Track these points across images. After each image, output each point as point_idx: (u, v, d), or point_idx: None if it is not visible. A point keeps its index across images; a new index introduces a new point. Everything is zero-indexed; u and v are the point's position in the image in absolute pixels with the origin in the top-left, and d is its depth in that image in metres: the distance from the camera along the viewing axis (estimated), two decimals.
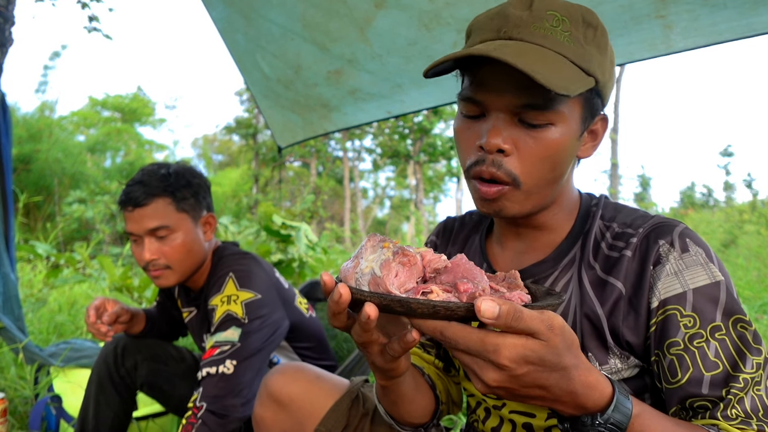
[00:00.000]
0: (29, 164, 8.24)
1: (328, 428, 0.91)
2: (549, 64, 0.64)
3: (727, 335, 0.65)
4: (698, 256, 0.68)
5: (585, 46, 0.68)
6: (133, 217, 1.25)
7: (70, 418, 1.69)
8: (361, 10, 1.80)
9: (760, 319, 3.41)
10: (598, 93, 0.71)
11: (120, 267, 4.77)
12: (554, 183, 0.72)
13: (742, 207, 8.67)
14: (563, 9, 0.69)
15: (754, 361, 0.65)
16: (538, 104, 0.66)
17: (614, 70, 0.74)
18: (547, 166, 0.69)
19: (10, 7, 1.91)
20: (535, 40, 0.67)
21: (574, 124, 0.69)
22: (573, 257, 0.77)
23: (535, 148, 0.68)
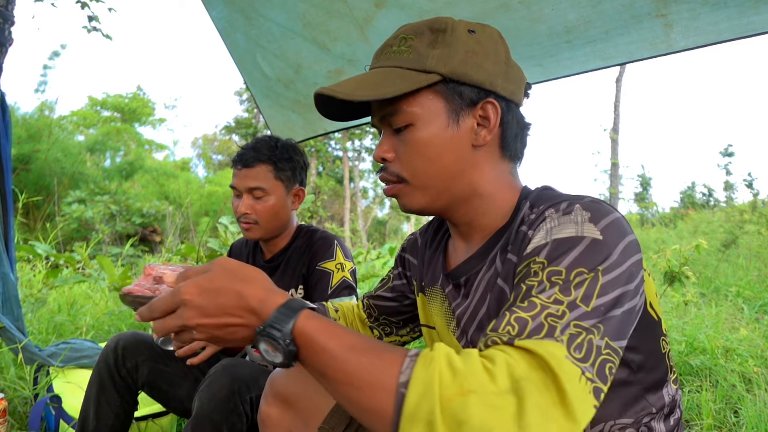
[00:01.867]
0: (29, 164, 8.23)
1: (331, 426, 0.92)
2: (379, 80, 0.75)
3: (564, 280, 0.61)
4: (578, 217, 0.66)
5: (428, 50, 0.76)
6: (240, 175, 1.47)
7: (70, 419, 1.69)
8: (362, 10, 1.80)
9: (761, 319, 3.41)
10: (462, 83, 0.75)
11: (120, 267, 4.77)
12: (445, 174, 0.77)
13: (743, 207, 8.68)
14: (412, 28, 0.79)
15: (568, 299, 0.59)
16: (389, 112, 0.76)
17: (488, 54, 0.77)
18: (424, 161, 0.76)
19: (10, 7, 1.90)
20: (381, 64, 0.79)
21: (439, 117, 0.75)
22: (498, 248, 0.78)
23: (407, 149, 0.77)
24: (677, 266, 2.93)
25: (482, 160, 0.78)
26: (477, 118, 0.77)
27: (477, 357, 0.54)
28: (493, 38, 0.79)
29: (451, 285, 0.86)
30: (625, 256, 0.63)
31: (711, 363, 2.45)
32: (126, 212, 8.30)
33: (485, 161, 0.79)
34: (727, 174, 13.32)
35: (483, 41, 0.77)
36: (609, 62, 1.75)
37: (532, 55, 1.79)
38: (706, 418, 2.00)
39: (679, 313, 3.39)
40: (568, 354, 0.55)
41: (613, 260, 0.62)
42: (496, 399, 0.51)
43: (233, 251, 1.74)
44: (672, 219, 11.62)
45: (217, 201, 10.84)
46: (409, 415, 0.52)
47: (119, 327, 2.99)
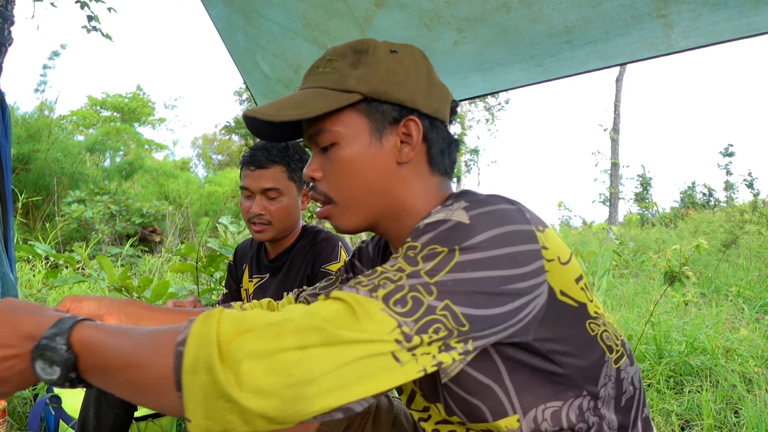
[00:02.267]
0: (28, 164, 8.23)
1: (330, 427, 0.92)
2: (302, 100, 0.77)
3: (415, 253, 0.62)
4: (454, 206, 0.67)
5: (350, 70, 0.78)
6: (253, 176, 1.47)
7: (69, 419, 1.69)
8: (362, 9, 1.80)
9: (761, 319, 3.40)
10: (384, 102, 0.77)
11: (119, 267, 4.77)
12: (370, 192, 0.78)
13: (743, 207, 8.68)
14: (336, 51, 0.81)
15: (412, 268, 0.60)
16: (315, 132, 0.79)
17: (409, 73, 0.79)
18: (348, 179, 0.78)
19: (9, 6, 1.90)
20: (306, 85, 0.81)
21: (362, 136, 0.77)
22: None
23: (332, 167, 0.79)
24: (677, 266, 2.93)
25: (408, 177, 0.80)
26: (400, 135, 0.79)
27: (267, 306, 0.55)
28: (415, 57, 0.81)
29: None
30: (496, 243, 0.62)
31: (711, 363, 2.45)
32: (126, 212, 8.30)
33: (411, 177, 0.80)
34: (727, 174, 13.33)
35: (404, 61, 0.79)
36: (609, 62, 1.74)
37: (532, 55, 1.79)
38: (706, 418, 2.00)
39: (679, 313, 3.39)
40: (384, 307, 0.55)
41: (475, 242, 0.61)
42: (271, 329, 0.52)
43: (238, 252, 1.76)
44: (672, 219, 11.62)
45: (217, 201, 10.85)
46: (189, 368, 0.51)
47: None
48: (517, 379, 0.69)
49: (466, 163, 20.86)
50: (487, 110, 20.98)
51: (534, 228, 0.67)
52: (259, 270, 1.65)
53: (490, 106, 20.87)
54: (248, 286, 1.67)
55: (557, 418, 0.70)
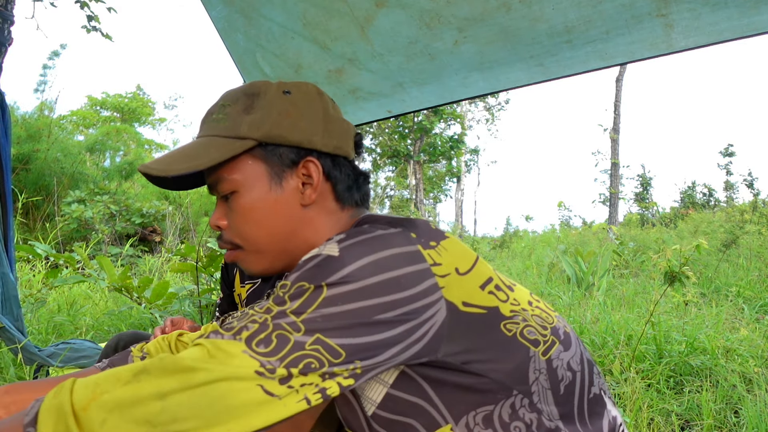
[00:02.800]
0: (28, 164, 8.23)
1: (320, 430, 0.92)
2: (195, 151, 0.75)
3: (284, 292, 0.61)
4: (333, 239, 0.66)
5: (241, 116, 0.76)
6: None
7: None
8: (362, 9, 1.80)
9: (761, 319, 3.41)
10: (279, 145, 0.76)
11: (119, 267, 4.76)
12: (275, 237, 0.77)
13: (743, 207, 8.68)
14: (230, 95, 0.80)
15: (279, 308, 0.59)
16: (214, 181, 0.78)
17: (303, 113, 0.78)
18: (252, 225, 0.77)
19: (9, 6, 1.90)
20: (200, 133, 0.79)
21: (261, 182, 0.76)
22: None
23: (235, 216, 0.77)
24: (677, 266, 2.93)
25: (315, 216, 0.79)
26: (301, 177, 0.78)
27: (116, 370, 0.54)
28: (309, 96, 0.80)
29: None
30: (368, 271, 0.60)
31: (711, 363, 2.45)
32: (126, 212, 8.30)
33: (318, 216, 0.79)
34: (727, 174, 13.32)
35: (297, 101, 0.78)
36: (609, 62, 1.75)
37: (533, 54, 1.79)
38: (706, 418, 2.00)
39: (679, 313, 3.39)
40: (246, 348, 0.55)
41: (344, 275, 0.59)
42: (128, 386, 0.51)
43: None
44: (672, 219, 11.62)
45: None
46: None
47: (119, 327, 2.99)
48: (442, 393, 0.68)
49: (467, 163, 20.86)
50: (487, 110, 20.98)
51: (420, 247, 0.65)
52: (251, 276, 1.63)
53: (490, 106, 20.87)
54: (240, 291, 1.63)
55: (489, 421, 0.69)
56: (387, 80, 2.10)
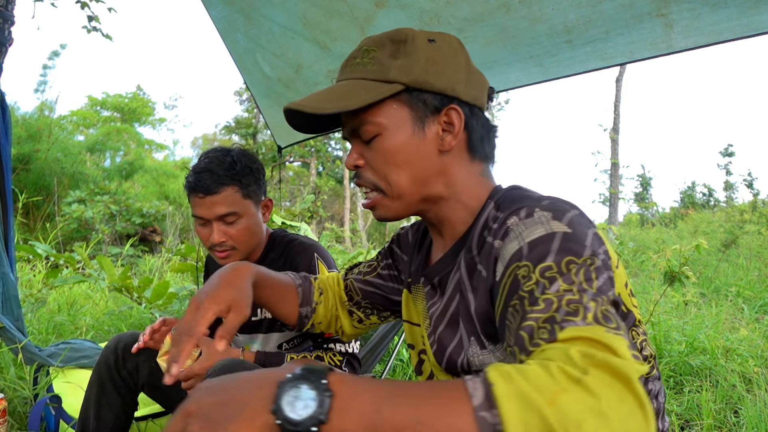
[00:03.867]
0: (29, 164, 8.22)
1: None
2: (344, 92, 0.77)
3: (559, 273, 0.60)
4: (541, 218, 0.67)
5: (390, 60, 0.78)
6: (204, 203, 1.33)
7: (70, 419, 1.69)
8: (362, 9, 1.80)
9: (761, 319, 3.40)
10: (425, 91, 0.77)
11: (119, 267, 4.76)
12: (417, 181, 0.79)
13: (743, 207, 8.68)
14: (374, 40, 0.81)
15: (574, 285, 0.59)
16: (358, 124, 0.79)
17: (448, 61, 0.79)
18: (395, 168, 0.78)
19: (10, 7, 1.90)
20: (345, 76, 0.81)
21: (405, 126, 0.77)
22: (464, 248, 0.80)
23: (376, 157, 0.79)
24: (677, 266, 2.93)
25: (450, 164, 0.80)
26: (442, 124, 0.79)
27: (535, 365, 0.49)
28: (453, 46, 0.81)
29: (429, 285, 0.89)
30: (595, 245, 0.64)
31: (711, 363, 2.45)
32: (126, 212, 8.29)
33: (453, 165, 0.80)
34: (727, 174, 13.32)
35: (443, 49, 0.79)
36: (609, 62, 1.75)
37: (533, 54, 1.79)
38: (706, 418, 2.00)
39: (679, 313, 3.39)
40: (607, 329, 0.53)
41: (590, 246, 0.63)
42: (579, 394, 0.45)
43: (209, 261, 1.67)
44: (672, 219, 11.62)
45: None
46: None
47: (119, 327, 2.99)
48: None
49: None
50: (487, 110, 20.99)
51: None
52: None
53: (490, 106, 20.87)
54: None
55: None
56: None
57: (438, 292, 0.85)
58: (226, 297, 0.80)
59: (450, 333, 0.80)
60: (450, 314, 0.80)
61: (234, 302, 0.80)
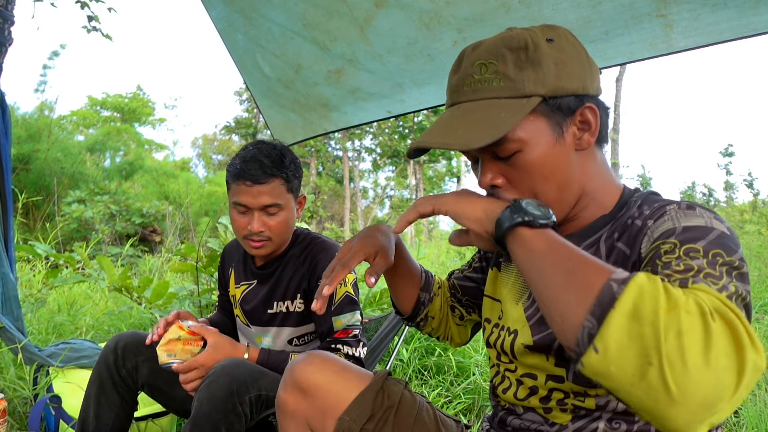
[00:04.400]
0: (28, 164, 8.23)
1: (352, 418, 0.94)
2: (482, 117, 0.73)
3: (703, 256, 0.62)
4: (703, 213, 0.68)
5: (519, 73, 0.74)
6: (251, 192, 1.35)
7: (70, 419, 1.69)
8: (362, 10, 1.80)
9: (761, 319, 3.40)
10: (560, 97, 0.75)
11: (119, 267, 4.76)
12: (564, 185, 0.78)
13: (743, 207, 8.68)
14: (487, 52, 0.76)
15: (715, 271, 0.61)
16: (494, 146, 0.75)
17: (573, 60, 0.77)
18: (541, 180, 0.76)
19: (9, 6, 1.90)
20: (469, 97, 0.76)
21: (545, 136, 0.75)
22: (600, 235, 0.80)
23: (518, 174, 0.77)
24: None
25: (585, 160, 0.80)
26: (577, 124, 0.77)
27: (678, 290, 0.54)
28: (570, 41, 0.78)
29: None
30: (744, 258, 0.65)
31: None
32: (126, 212, 8.30)
33: (587, 160, 0.80)
34: (727, 174, 13.31)
35: (565, 48, 0.76)
36: (609, 62, 1.74)
37: None
38: None
39: None
40: (739, 310, 0.55)
41: (741, 256, 0.64)
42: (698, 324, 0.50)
43: (225, 254, 1.68)
44: None
45: (217, 201, 10.84)
46: (625, 312, 0.51)
47: (119, 327, 2.99)
48: None
49: (466, 163, 20.86)
50: None
51: None
52: (246, 276, 1.56)
53: None
54: (235, 292, 1.59)
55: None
56: (386, 81, 2.09)
57: None
58: (376, 243, 0.89)
59: None
60: None
61: (382, 248, 0.89)
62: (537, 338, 0.82)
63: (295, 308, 1.46)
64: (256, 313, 1.52)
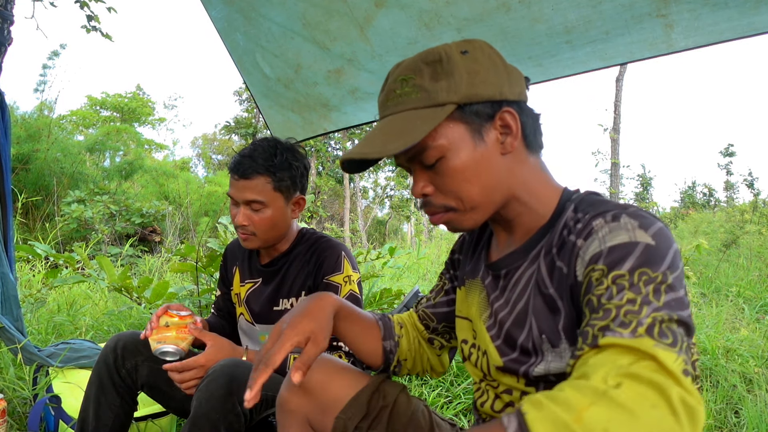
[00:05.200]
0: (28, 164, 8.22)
1: (348, 417, 0.96)
2: (400, 128, 0.77)
3: (629, 282, 0.63)
4: (627, 224, 0.69)
5: (434, 84, 0.78)
6: (237, 186, 1.41)
7: (69, 419, 1.68)
8: (362, 9, 1.80)
9: (762, 319, 3.40)
10: (475, 103, 0.78)
11: (119, 267, 4.76)
12: (489, 189, 0.80)
13: (743, 207, 8.67)
14: (406, 68, 0.81)
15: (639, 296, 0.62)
16: (417, 152, 0.79)
17: (487, 68, 0.80)
18: (467, 184, 0.79)
19: (9, 6, 1.90)
20: (391, 111, 0.81)
21: (465, 142, 0.78)
22: (541, 247, 0.82)
23: (447, 179, 0.79)
24: None
25: (513, 164, 0.82)
26: (498, 128, 0.80)
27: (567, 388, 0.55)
28: (485, 51, 0.81)
29: (490, 276, 0.90)
30: (675, 262, 0.66)
31: (711, 363, 2.45)
32: (126, 212, 8.29)
33: (515, 164, 0.82)
34: (727, 174, 13.31)
35: (478, 58, 0.80)
36: (609, 62, 1.74)
37: (532, 55, 1.79)
38: (706, 419, 2.00)
39: None
40: (657, 343, 0.57)
41: (668, 264, 0.65)
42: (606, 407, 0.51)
43: (228, 252, 1.70)
44: (673, 219, 11.61)
45: (217, 201, 10.84)
46: None
47: (119, 327, 2.99)
48: None
49: None
50: None
51: None
52: (251, 274, 1.58)
53: None
54: (240, 290, 1.60)
55: None
56: None
57: (501, 284, 0.87)
58: (306, 328, 0.84)
59: (520, 328, 0.81)
60: (518, 311, 0.82)
61: (313, 334, 0.84)
62: (505, 360, 0.83)
63: None
64: (261, 311, 1.53)
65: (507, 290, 0.86)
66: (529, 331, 0.80)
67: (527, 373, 0.79)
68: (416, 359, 1.08)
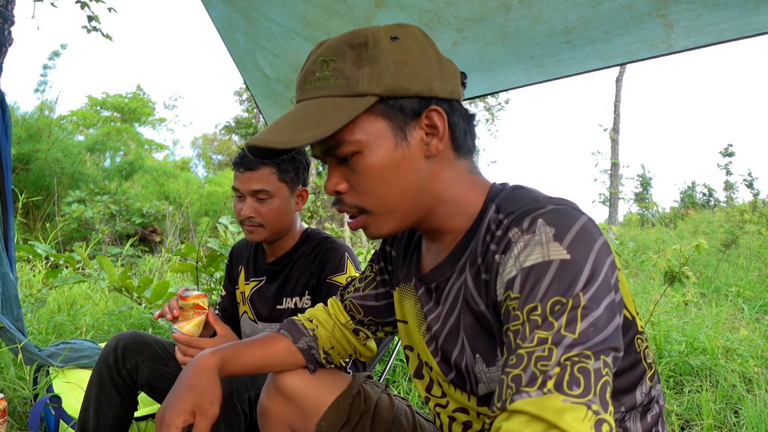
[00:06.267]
0: (28, 164, 8.23)
1: (329, 423, 0.94)
2: (313, 116, 0.69)
3: (541, 315, 0.58)
4: (542, 236, 0.62)
5: (355, 71, 0.69)
6: (242, 178, 1.45)
7: (70, 419, 1.69)
8: (362, 9, 1.80)
9: (761, 319, 3.40)
10: (400, 97, 0.70)
11: (119, 267, 4.76)
12: (408, 193, 0.73)
13: (743, 207, 8.68)
14: (329, 49, 0.72)
15: (551, 333, 0.57)
16: (332, 145, 0.72)
17: (418, 59, 0.72)
18: (382, 186, 0.72)
19: (9, 6, 1.90)
20: (308, 95, 0.72)
21: (386, 139, 0.71)
22: (467, 257, 0.75)
23: (361, 178, 0.72)
24: (677, 266, 2.93)
25: (438, 168, 0.75)
26: (424, 128, 0.73)
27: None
28: (419, 40, 0.73)
29: (423, 288, 0.85)
30: (597, 266, 0.61)
31: (711, 363, 2.45)
32: (126, 212, 8.30)
33: (442, 168, 0.75)
34: (727, 174, 13.31)
35: (410, 47, 0.71)
36: (609, 62, 1.74)
37: (532, 55, 1.79)
38: (706, 419, 2.00)
39: (679, 313, 3.39)
40: (565, 398, 0.53)
41: (586, 277, 0.59)
42: None
43: (235, 252, 1.71)
44: (672, 219, 11.62)
45: (217, 201, 10.84)
46: None
47: (119, 327, 2.99)
48: None
49: None
50: (487, 110, 20.97)
51: (605, 237, 0.65)
52: (256, 273, 1.61)
53: (490, 106, 20.86)
54: (245, 288, 1.62)
55: None
56: None
57: (434, 298, 0.82)
58: (186, 406, 0.79)
59: (452, 345, 0.77)
60: (450, 325, 0.78)
61: (196, 406, 0.80)
62: (450, 378, 0.80)
63: (303, 305, 1.48)
64: (265, 309, 1.55)
65: (440, 303, 0.80)
66: (461, 349, 0.75)
67: (474, 392, 0.75)
68: (343, 346, 1.03)
